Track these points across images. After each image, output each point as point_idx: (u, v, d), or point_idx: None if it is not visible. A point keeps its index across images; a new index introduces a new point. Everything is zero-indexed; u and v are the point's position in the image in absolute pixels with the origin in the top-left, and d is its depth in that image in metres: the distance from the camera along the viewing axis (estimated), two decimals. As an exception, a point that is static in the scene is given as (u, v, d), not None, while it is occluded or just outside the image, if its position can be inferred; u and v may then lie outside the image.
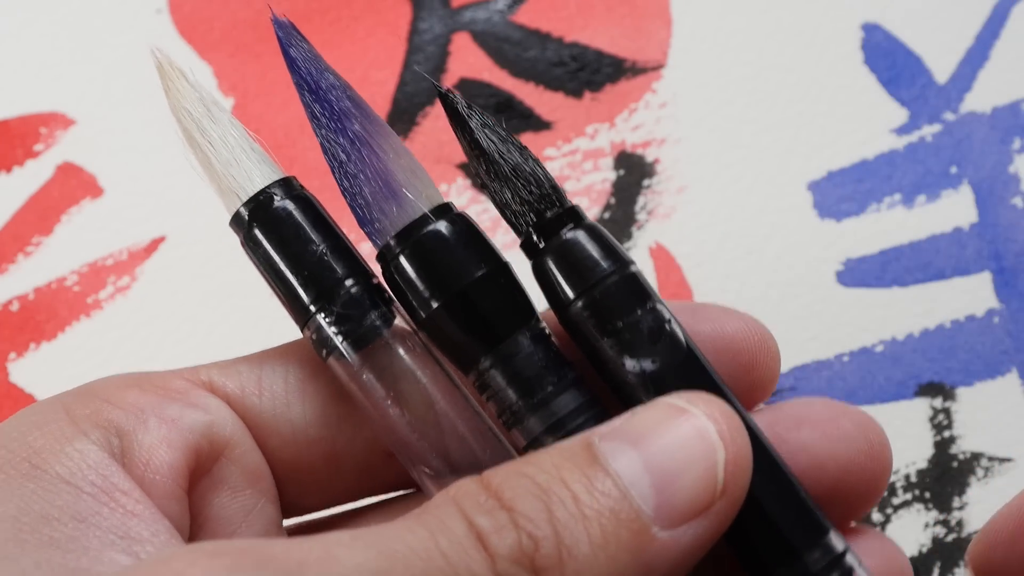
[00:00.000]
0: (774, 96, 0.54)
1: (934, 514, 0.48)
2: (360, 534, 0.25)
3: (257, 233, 0.30)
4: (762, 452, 0.29)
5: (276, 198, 0.30)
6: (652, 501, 0.26)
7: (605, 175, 0.53)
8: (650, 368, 0.29)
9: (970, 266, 0.51)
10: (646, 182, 0.53)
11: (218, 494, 0.30)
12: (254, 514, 0.30)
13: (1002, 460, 0.48)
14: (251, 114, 0.55)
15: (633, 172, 0.53)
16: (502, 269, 0.30)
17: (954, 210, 0.52)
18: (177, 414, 0.29)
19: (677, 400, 0.27)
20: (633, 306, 0.29)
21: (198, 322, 0.52)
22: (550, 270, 0.30)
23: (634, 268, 0.30)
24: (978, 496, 0.48)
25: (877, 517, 0.48)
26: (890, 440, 0.32)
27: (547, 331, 0.30)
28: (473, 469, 0.27)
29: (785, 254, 0.52)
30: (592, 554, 0.25)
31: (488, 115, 0.30)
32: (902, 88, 0.54)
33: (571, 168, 0.53)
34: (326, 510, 0.33)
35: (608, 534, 0.25)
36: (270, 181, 0.30)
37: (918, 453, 0.49)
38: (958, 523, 0.48)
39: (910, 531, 0.48)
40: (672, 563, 0.26)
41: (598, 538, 0.25)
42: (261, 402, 0.31)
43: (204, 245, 0.53)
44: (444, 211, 0.30)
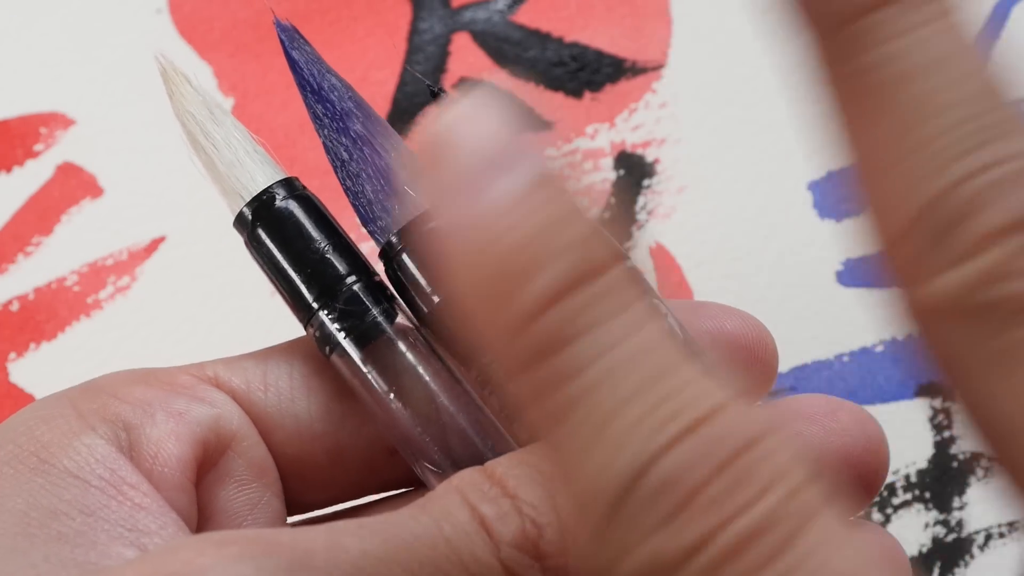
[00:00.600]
0: (774, 96, 0.54)
1: (934, 514, 0.48)
2: (366, 523, 0.25)
3: (260, 233, 0.30)
4: None
5: (278, 198, 0.30)
6: None
7: (605, 175, 0.53)
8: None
9: (970, 266, 0.51)
10: (646, 182, 0.53)
11: (225, 487, 0.30)
12: (260, 507, 0.30)
13: (1002, 460, 0.48)
14: (251, 114, 0.55)
15: (633, 172, 0.53)
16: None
17: (954, 210, 0.52)
18: (184, 408, 0.29)
19: None
20: None
21: (198, 322, 0.52)
22: None
23: (631, 264, 0.30)
24: (978, 496, 0.48)
25: (877, 517, 0.48)
26: (890, 440, 0.32)
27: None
28: (476, 463, 0.27)
29: (785, 254, 0.52)
30: None
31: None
32: (902, 88, 0.54)
33: (571, 168, 0.53)
34: (329, 507, 0.33)
35: None
36: (272, 181, 0.30)
37: (918, 453, 0.49)
38: (958, 523, 0.48)
39: (910, 531, 0.48)
40: None
41: None
42: (266, 397, 0.31)
43: (204, 245, 0.53)
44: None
